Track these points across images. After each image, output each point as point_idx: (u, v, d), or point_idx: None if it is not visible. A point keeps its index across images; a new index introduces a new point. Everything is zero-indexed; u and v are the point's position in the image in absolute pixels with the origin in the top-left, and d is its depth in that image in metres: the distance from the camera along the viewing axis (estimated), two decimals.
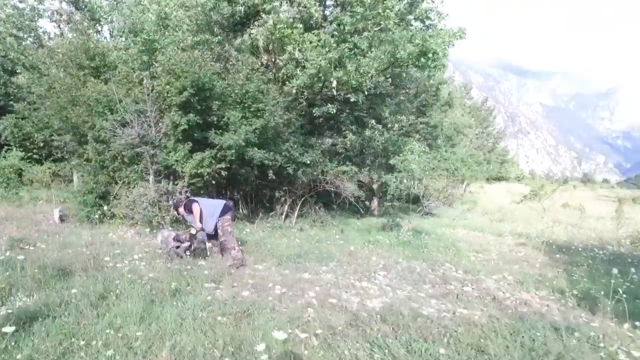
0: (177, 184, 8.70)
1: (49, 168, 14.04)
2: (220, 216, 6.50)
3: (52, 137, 12.22)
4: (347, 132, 13.40)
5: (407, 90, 15.45)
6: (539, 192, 14.81)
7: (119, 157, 8.83)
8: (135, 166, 8.75)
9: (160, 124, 8.60)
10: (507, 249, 10.42)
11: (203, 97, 8.40)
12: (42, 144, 14.34)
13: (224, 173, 8.58)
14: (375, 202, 17.36)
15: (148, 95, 8.45)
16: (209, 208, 6.61)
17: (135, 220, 8.62)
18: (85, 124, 9.16)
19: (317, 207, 13.11)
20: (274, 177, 9.67)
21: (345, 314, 4.52)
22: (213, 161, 8.29)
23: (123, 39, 10.62)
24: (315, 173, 10.58)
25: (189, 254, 6.41)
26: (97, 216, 8.75)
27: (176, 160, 8.28)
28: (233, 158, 8.22)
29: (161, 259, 6.28)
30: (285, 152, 9.45)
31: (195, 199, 6.70)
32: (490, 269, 7.75)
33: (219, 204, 6.65)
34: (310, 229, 11.35)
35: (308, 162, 9.83)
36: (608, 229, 14.75)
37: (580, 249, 10.19)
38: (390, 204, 19.40)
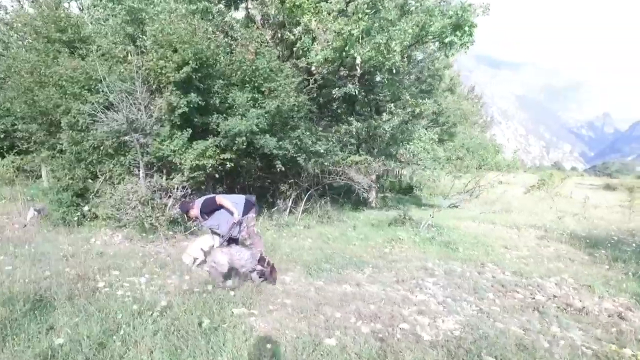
0: (172, 179, 7.34)
1: (12, 162, 12.19)
2: (243, 214, 5.29)
3: (15, 126, 10.47)
4: (352, 119, 12.29)
5: (411, 73, 14.40)
6: (547, 182, 14.19)
7: (101, 148, 7.37)
8: (122, 158, 7.33)
9: (151, 107, 7.19)
10: (533, 243, 9.59)
11: (205, 74, 7.04)
12: (2, 135, 12.45)
13: (229, 165, 7.29)
14: (373, 194, 16.36)
15: (136, 72, 7.01)
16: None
17: (123, 223, 7.23)
18: (57, 109, 7.60)
19: (322, 202, 12.00)
20: (282, 169, 8.44)
21: (435, 348, 3.43)
22: (218, 151, 6.98)
23: (100, 10, 8.99)
24: (326, 164, 9.40)
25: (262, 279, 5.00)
26: (75, 218, 7.31)
27: (173, 151, 6.93)
28: (243, 146, 6.93)
29: (176, 275, 5.00)
30: (297, 140, 8.22)
31: (208, 195, 5.45)
32: (538, 269, 6.84)
33: (238, 199, 5.43)
34: (318, 226, 10.21)
35: (322, 151, 8.63)
36: (616, 218, 14.30)
37: (612, 242, 9.47)
38: (386, 195, 18.64)
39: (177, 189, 7.20)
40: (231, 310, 3.92)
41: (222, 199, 5.26)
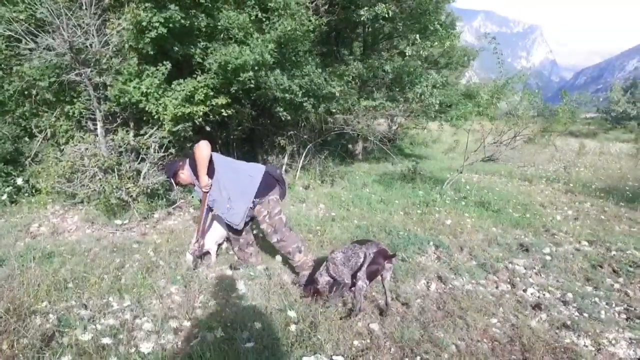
0: (146, 135, 5.27)
1: None
2: (260, 196, 3.45)
3: None
4: (350, 57, 10.32)
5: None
6: (547, 130, 13.19)
7: (34, 93, 5.07)
8: (68, 107, 5.09)
9: (107, 30, 4.88)
10: (565, 199, 8.57)
11: None
12: None
13: (225, 113, 5.30)
14: (360, 146, 14.75)
15: None
16: (234, 177, 3.47)
17: (79, 198, 5.19)
18: None
19: (322, 157, 10.27)
20: (287, 117, 6.56)
21: None
22: (211, 93, 4.94)
23: None
24: (334, 110, 7.58)
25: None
26: (4, 195, 5.15)
27: (145, 94, 4.80)
28: (251, 85, 4.92)
29: (182, 293, 3.22)
30: (308, 79, 6.28)
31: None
32: (607, 234, 5.71)
33: (253, 171, 3.52)
34: (320, 186, 8.58)
35: (337, 94, 6.77)
36: (615, 166, 13.77)
37: None
38: (371, 146, 17.21)
39: (154, 148, 5.16)
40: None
41: (220, 158, 3.47)
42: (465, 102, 13.01)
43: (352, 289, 3.04)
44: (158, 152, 5.15)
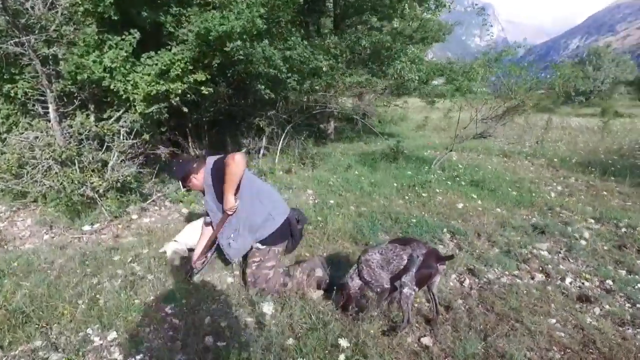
0: (108, 120, 4.43)
1: None
2: (268, 243, 2.87)
3: None
4: (325, 31, 9.64)
5: None
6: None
7: None
8: (8, 86, 4.12)
9: None
10: (549, 174, 8.52)
11: None
12: None
13: (205, 91, 4.55)
14: (332, 125, 14.22)
15: None
16: (254, 209, 2.81)
17: (32, 197, 4.32)
18: None
19: (301, 139, 9.63)
20: (271, 95, 5.90)
21: None
22: (190, 67, 4.17)
23: None
24: (317, 87, 6.97)
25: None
26: None
27: (109, 69, 3.94)
28: (241, 57, 4.19)
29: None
30: (293, 52, 5.59)
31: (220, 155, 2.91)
32: (607, 210, 5.59)
33: (278, 209, 2.90)
34: (301, 169, 8.04)
35: (325, 68, 6.14)
36: (583, 139, 14.12)
37: (621, 166, 8.72)
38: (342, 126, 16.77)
39: (123, 135, 4.34)
40: None
41: (250, 179, 2.82)
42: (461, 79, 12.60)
43: (392, 296, 2.55)
44: (127, 139, 4.32)
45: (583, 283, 3.36)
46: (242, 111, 7.92)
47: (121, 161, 4.35)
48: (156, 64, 3.98)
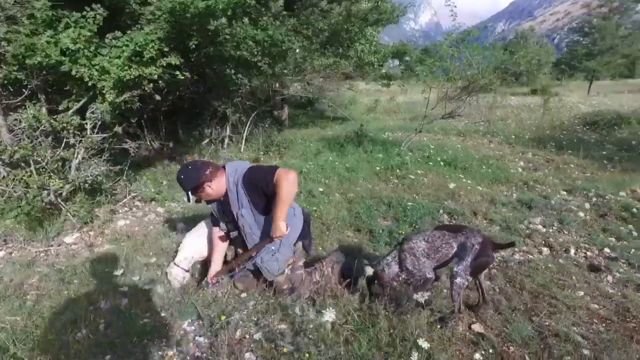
0: (71, 111, 3.82)
1: None
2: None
3: None
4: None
5: None
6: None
7: None
8: None
9: None
10: (508, 150, 8.95)
11: None
12: None
13: (180, 76, 4.08)
14: (286, 112, 13.86)
15: None
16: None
17: None
18: None
19: (265, 126, 9.24)
20: (244, 81, 5.54)
21: None
22: (166, 49, 3.68)
23: None
24: (286, 71, 6.67)
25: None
26: None
27: (68, 52, 3.33)
28: (226, 36, 3.75)
29: None
30: (264, 33, 5.21)
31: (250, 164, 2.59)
32: (577, 182, 5.96)
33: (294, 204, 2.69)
34: (268, 158, 7.77)
35: (298, 50, 5.83)
36: (526, 117, 15.01)
37: (568, 141, 9.40)
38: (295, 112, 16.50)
39: (90, 129, 3.76)
40: None
41: (286, 179, 2.31)
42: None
43: (434, 284, 2.43)
44: (95, 134, 3.74)
45: (586, 254, 3.49)
46: (202, 99, 7.35)
47: (88, 158, 3.77)
48: (126, 45, 3.44)
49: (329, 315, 1.79)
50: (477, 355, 2.04)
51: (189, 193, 2.39)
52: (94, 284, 2.78)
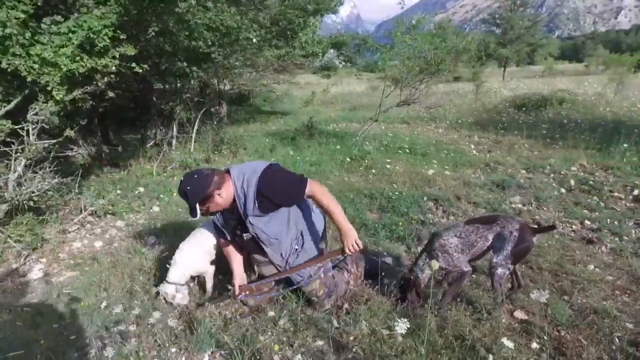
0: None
1: None
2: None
3: None
4: None
5: None
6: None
7: None
8: None
9: None
10: (456, 135, 9.35)
11: None
12: None
13: (139, 71, 3.54)
14: (224, 108, 13.18)
15: None
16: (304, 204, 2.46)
17: None
18: None
19: (214, 123, 8.64)
20: (197, 73, 5.09)
21: None
22: (122, 36, 3.12)
23: None
24: (237, 64, 6.28)
25: None
26: None
27: None
28: (199, 22, 3.25)
29: None
30: (218, 20, 4.77)
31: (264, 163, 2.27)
32: (530, 160, 6.34)
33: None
34: (221, 157, 7.33)
35: (255, 40, 5.45)
36: (459, 102, 15.80)
37: (502, 124, 10.06)
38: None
39: (31, 135, 3.09)
40: None
41: (322, 188, 2.24)
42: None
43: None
44: (38, 140, 3.06)
45: (572, 227, 3.65)
46: (145, 97, 6.63)
47: (32, 170, 3.10)
48: (73, 32, 2.83)
49: (402, 327, 1.57)
50: (534, 345, 1.95)
51: (197, 206, 2.02)
52: (72, 325, 2.26)
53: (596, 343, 1.97)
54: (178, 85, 6.17)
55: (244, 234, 2.28)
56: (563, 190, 4.59)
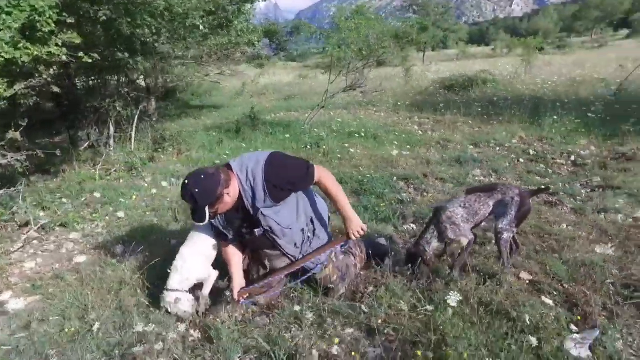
0: None
1: None
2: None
3: None
4: None
5: None
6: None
7: None
8: None
9: None
10: (397, 118, 9.68)
11: None
12: None
13: (88, 60, 3.13)
14: (153, 104, 12.32)
15: None
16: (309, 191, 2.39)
17: None
18: None
19: (153, 120, 8.05)
20: (145, 65, 4.71)
21: None
22: (69, 20, 2.70)
23: None
24: (188, 55, 5.92)
25: None
26: None
27: None
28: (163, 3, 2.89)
29: None
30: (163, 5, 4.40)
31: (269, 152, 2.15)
32: (473, 137, 6.80)
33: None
34: (166, 156, 6.87)
35: (201, 27, 5.12)
36: (392, 86, 16.30)
37: (440, 105, 10.66)
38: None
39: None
40: None
41: (328, 173, 2.22)
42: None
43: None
44: None
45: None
46: (75, 94, 5.94)
47: None
48: (8, 14, 2.36)
49: (453, 300, 1.57)
50: (546, 300, 2.10)
51: (207, 209, 1.84)
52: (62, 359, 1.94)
53: (596, 291, 2.18)
54: (115, 80, 5.55)
55: (255, 230, 2.14)
56: (516, 161, 4.99)
